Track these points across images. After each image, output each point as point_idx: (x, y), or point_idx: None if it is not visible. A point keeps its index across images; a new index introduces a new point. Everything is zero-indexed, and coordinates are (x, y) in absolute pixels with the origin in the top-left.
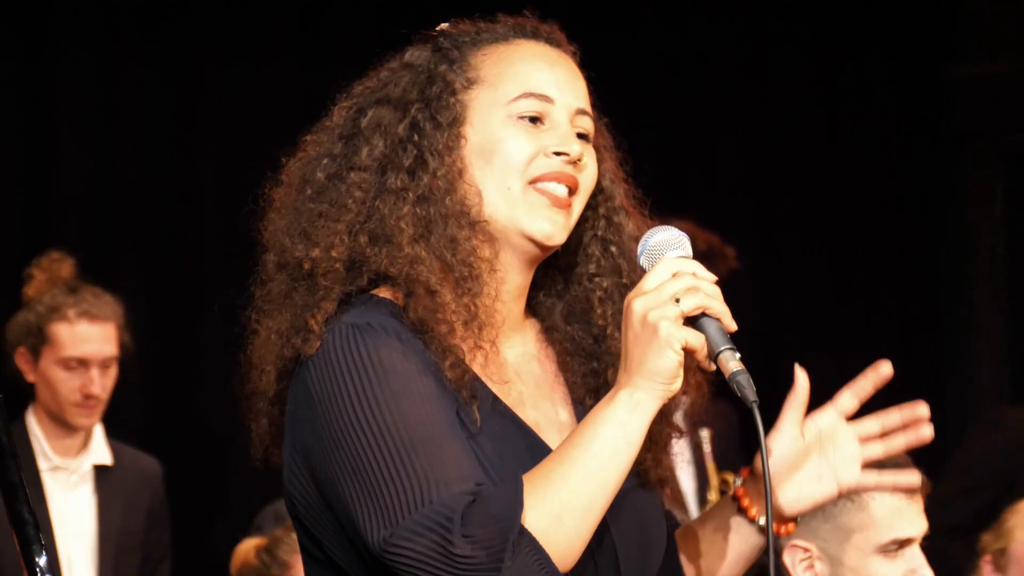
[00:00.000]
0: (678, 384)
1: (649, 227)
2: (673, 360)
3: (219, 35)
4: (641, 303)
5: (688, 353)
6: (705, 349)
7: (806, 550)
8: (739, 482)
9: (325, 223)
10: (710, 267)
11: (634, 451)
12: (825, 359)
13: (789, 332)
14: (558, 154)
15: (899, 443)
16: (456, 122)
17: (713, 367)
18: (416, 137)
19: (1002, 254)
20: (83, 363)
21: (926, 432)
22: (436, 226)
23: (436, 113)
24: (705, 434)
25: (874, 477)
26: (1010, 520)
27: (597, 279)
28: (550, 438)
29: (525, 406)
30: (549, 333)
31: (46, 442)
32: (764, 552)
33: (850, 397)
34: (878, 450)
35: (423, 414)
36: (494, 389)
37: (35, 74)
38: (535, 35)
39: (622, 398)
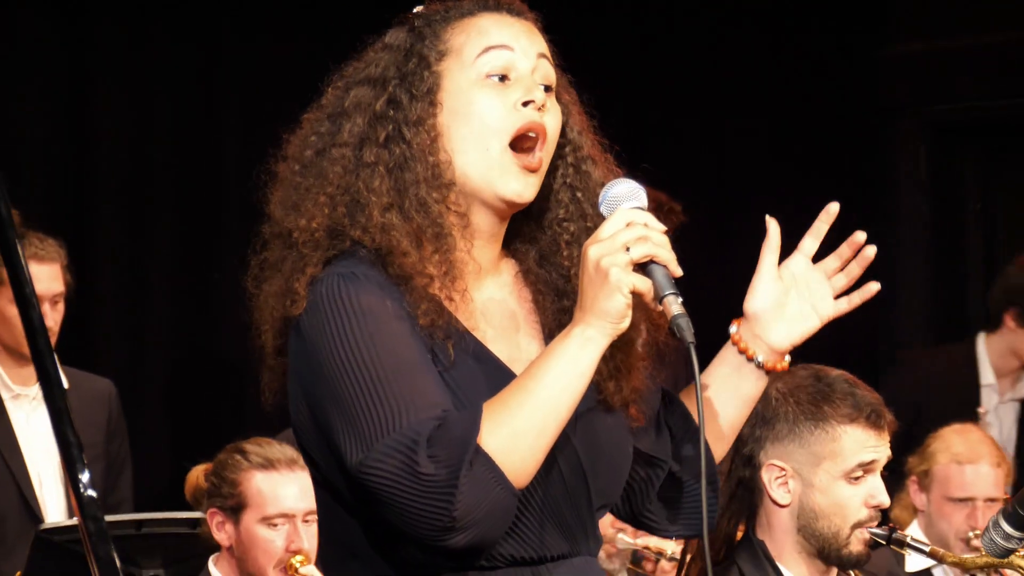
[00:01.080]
0: (626, 323)
1: (615, 175)
2: (621, 302)
3: (239, 16)
4: (595, 250)
5: (637, 296)
6: (652, 292)
7: (782, 469)
8: (734, 329)
9: (310, 196)
10: (659, 221)
11: (585, 381)
12: None
13: (739, 277)
14: (525, 104)
15: (855, 270)
16: (431, 91)
17: (660, 308)
18: (393, 111)
19: (925, 211)
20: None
21: (869, 252)
22: (408, 192)
23: (412, 86)
24: None
25: (845, 303)
26: (933, 445)
27: (565, 223)
28: (519, 372)
29: (497, 343)
30: (525, 276)
31: (5, 374)
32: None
33: (811, 240)
34: (842, 280)
35: (396, 351)
36: (468, 328)
37: (74, 52)
38: (497, 7)
39: (575, 334)
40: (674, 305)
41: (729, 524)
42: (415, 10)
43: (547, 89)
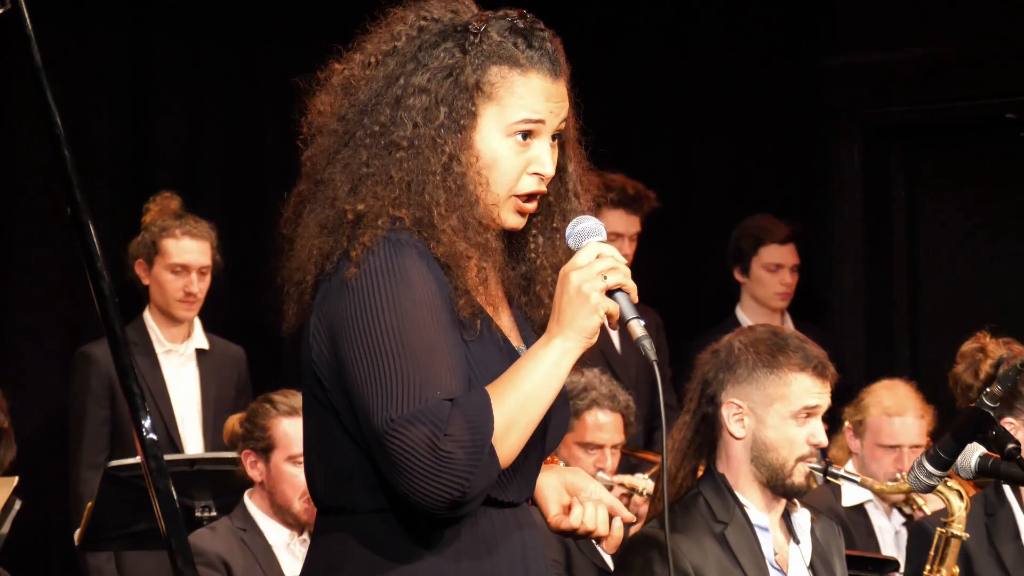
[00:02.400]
0: (595, 337)
1: (584, 167)
2: (596, 321)
3: (276, 28)
4: (577, 276)
5: (607, 317)
6: (618, 315)
7: (739, 406)
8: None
9: (373, 186)
10: (636, 207)
11: (561, 383)
12: (721, 273)
13: (698, 255)
14: (536, 173)
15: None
16: (469, 127)
17: (618, 328)
18: (444, 132)
19: (859, 199)
20: (185, 269)
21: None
22: (464, 208)
23: (458, 120)
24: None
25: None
26: (866, 399)
27: (535, 216)
28: (509, 337)
29: (494, 315)
30: None
31: (160, 332)
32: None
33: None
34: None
35: (429, 324)
36: (486, 308)
37: (139, 58)
38: (544, 62)
39: (556, 345)
40: (638, 328)
41: (694, 458)
42: (469, 25)
43: (557, 136)
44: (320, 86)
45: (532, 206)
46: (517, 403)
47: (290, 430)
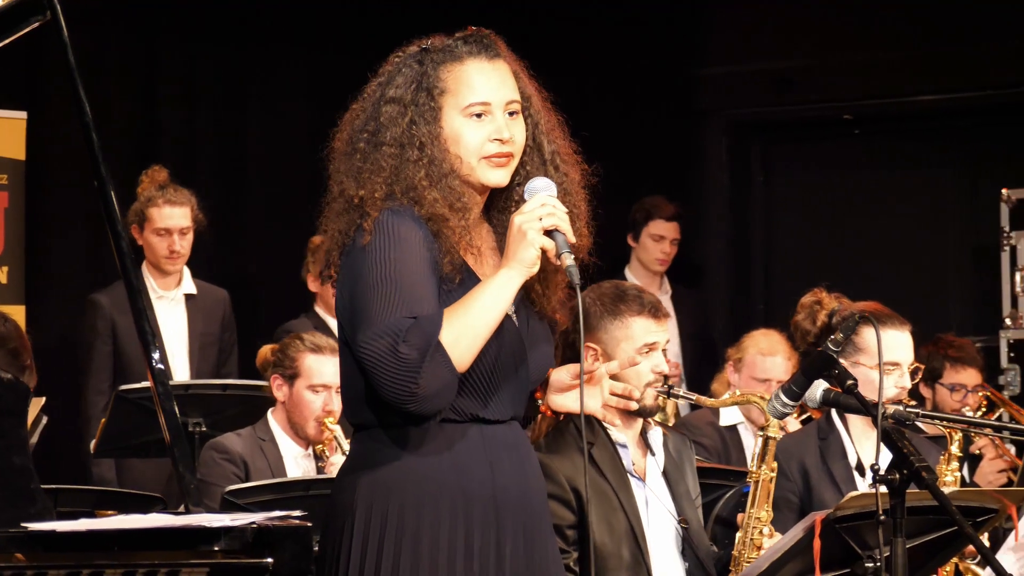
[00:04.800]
0: (535, 268)
1: (562, 143)
2: (533, 254)
3: (261, 29)
4: (519, 219)
5: (545, 252)
6: (555, 250)
7: (595, 349)
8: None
9: (369, 175)
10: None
11: (505, 304)
12: (618, 241)
13: (598, 225)
14: (496, 139)
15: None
16: (436, 119)
17: (558, 262)
18: (416, 126)
19: (725, 183)
20: (168, 231)
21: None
22: (441, 180)
23: (424, 115)
24: None
25: (601, 411)
26: (746, 341)
27: (518, 187)
28: None
29: (480, 267)
30: (487, 216)
31: (154, 281)
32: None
33: (608, 367)
34: (612, 400)
35: (412, 266)
36: (468, 263)
37: (147, 58)
38: (479, 52)
39: (501, 274)
40: (568, 259)
41: None
42: (423, 46)
43: (513, 113)
44: (337, 130)
45: (503, 160)
46: (466, 317)
47: (313, 364)
